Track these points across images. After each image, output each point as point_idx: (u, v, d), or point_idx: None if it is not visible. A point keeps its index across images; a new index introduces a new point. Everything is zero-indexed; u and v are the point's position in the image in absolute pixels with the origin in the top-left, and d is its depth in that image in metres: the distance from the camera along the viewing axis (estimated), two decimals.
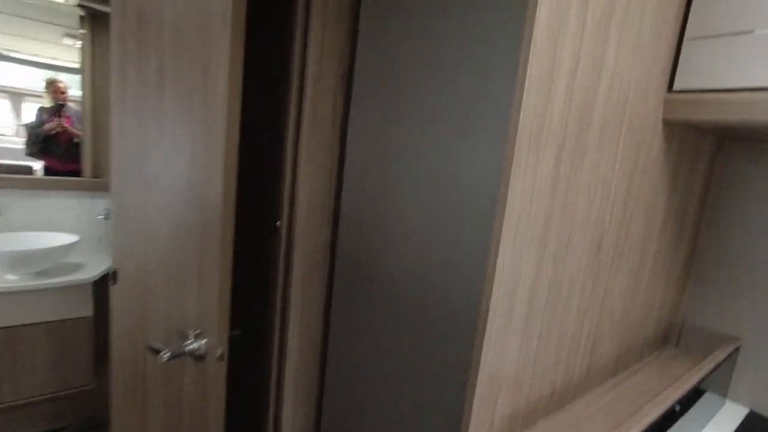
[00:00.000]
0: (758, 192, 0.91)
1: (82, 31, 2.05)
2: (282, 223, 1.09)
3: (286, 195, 1.08)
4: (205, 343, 0.99)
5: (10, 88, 2.00)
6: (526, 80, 0.54)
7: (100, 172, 2.16)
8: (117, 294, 1.28)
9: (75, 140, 2.12)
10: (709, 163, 0.98)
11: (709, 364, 0.84)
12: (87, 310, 1.83)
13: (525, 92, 0.54)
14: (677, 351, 1.05)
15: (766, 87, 0.67)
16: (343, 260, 1.02)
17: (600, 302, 0.81)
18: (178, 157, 0.98)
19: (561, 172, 0.63)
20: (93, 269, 1.87)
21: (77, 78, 2.09)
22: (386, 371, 0.88)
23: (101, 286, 1.84)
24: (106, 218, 2.10)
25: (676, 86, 0.75)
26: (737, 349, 0.95)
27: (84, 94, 2.10)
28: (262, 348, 1.20)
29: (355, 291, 0.99)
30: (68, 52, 2.06)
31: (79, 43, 2.05)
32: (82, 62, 2.07)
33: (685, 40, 0.74)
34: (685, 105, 0.74)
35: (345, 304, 1.02)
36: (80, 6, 2.01)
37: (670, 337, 1.08)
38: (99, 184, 2.13)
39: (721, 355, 0.89)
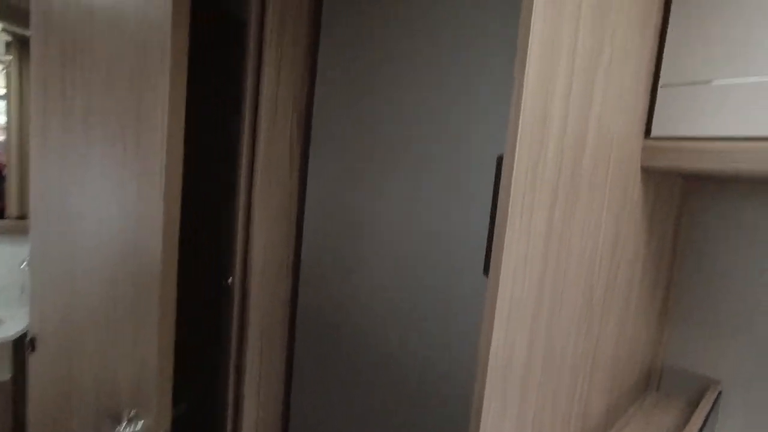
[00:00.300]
0: (724, 230, 0.90)
1: (8, 57, 1.87)
2: (234, 279, 0.97)
3: (238, 247, 0.96)
4: (143, 425, 0.84)
5: None
6: (518, 139, 0.47)
7: (27, 210, 1.92)
8: (36, 365, 1.09)
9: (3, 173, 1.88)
10: (679, 205, 0.97)
11: (698, 419, 0.80)
12: (3, 373, 1.58)
13: (517, 145, 0.48)
14: (659, 397, 1.01)
15: (738, 137, 0.65)
16: (307, 316, 0.91)
17: (591, 359, 0.75)
18: (110, 205, 0.84)
19: (554, 228, 0.57)
20: (12, 326, 1.63)
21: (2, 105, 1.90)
22: None
23: (23, 345, 1.60)
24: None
25: (654, 133, 0.73)
26: (719, 394, 0.93)
27: (10, 122, 1.89)
28: (212, 426, 1.05)
29: (322, 352, 0.88)
30: None
31: (4, 70, 1.87)
32: (8, 88, 1.88)
33: (659, 87, 0.72)
34: (662, 151, 0.71)
35: (310, 368, 0.91)
36: (6, 31, 1.84)
37: (651, 381, 1.04)
38: (24, 227, 1.89)
39: (706, 406, 0.85)
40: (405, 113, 0.71)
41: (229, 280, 0.99)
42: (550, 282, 0.59)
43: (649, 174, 0.79)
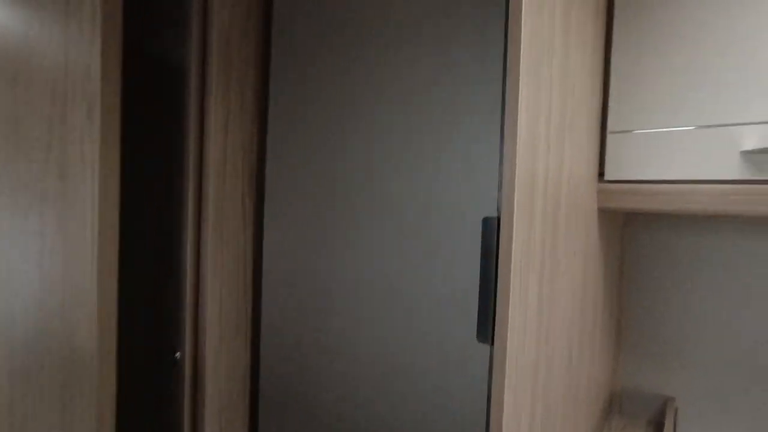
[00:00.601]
0: (662, 262, 0.98)
1: None
2: (184, 354, 0.86)
3: (187, 317, 0.85)
4: None
5: None
6: (515, 206, 0.46)
7: None
8: None
9: None
10: (621, 240, 1.04)
11: None
12: None
13: (515, 213, 0.47)
14: (622, 419, 1.05)
15: (680, 180, 0.71)
16: (272, 389, 0.82)
17: (573, 399, 0.76)
18: (25, 282, 0.71)
19: (543, 286, 0.57)
20: None
21: None
22: None
23: None
24: None
25: (607, 177, 0.77)
26: (676, 410, 0.98)
27: None
28: None
29: (291, 430, 0.80)
30: None
31: None
32: None
33: (608, 133, 0.77)
34: (615, 194, 0.76)
35: None
36: None
37: (614, 405, 1.09)
38: None
39: (670, 423, 0.90)
40: (376, 167, 0.68)
41: (177, 355, 0.87)
42: (544, 339, 0.58)
43: (602, 214, 0.83)
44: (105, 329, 0.74)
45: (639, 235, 1.02)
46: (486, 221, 0.56)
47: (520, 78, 0.46)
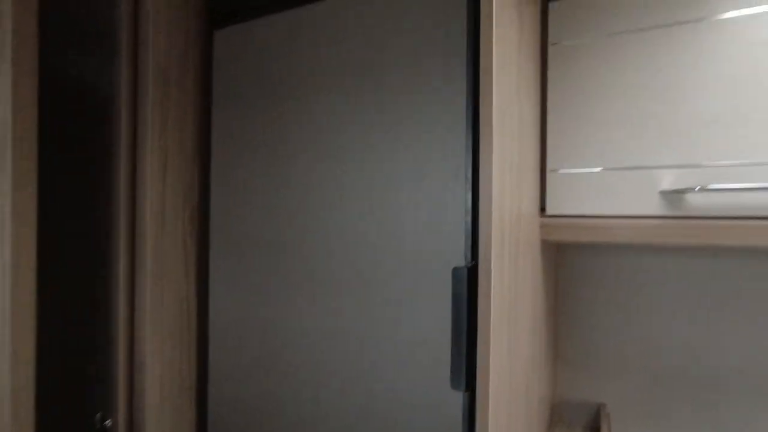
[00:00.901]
0: (591, 278, 1.08)
1: None
2: (116, 420, 0.76)
3: (120, 377, 0.76)
4: None
5: None
6: (492, 264, 0.48)
7: None
8: None
9: None
10: (555, 266, 1.13)
11: None
12: None
13: (493, 268, 0.48)
14: (563, 428, 1.13)
15: (611, 215, 0.79)
16: None
17: (535, 417, 0.80)
18: None
19: (511, 325, 0.59)
20: None
21: None
22: None
23: None
24: None
25: (548, 211, 0.84)
26: (609, 415, 1.08)
27: None
28: None
29: None
30: None
31: None
32: None
33: (547, 171, 0.84)
34: (555, 227, 0.82)
35: None
36: None
37: (554, 416, 1.17)
38: None
39: (606, 429, 0.98)
40: (335, 208, 0.67)
41: (108, 423, 0.77)
42: (510, 376, 0.61)
43: (543, 244, 0.90)
44: (20, 393, 0.64)
45: (571, 260, 1.12)
46: (456, 271, 0.57)
47: (493, 131, 0.48)
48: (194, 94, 0.80)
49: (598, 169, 0.80)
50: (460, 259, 0.58)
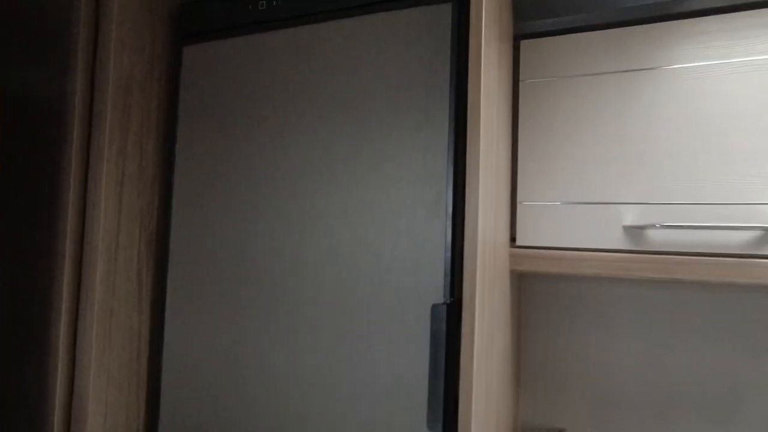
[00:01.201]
0: (552, 305, 1.11)
1: None
2: None
3: (56, 426, 0.67)
4: None
5: None
6: (476, 305, 0.47)
7: None
8: None
9: None
10: (519, 290, 1.15)
11: None
12: None
13: (476, 309, 0.47)
14: None
15: (579, 248, 0.82)
16: None
17: None
18: None
19: (488, 360, 0.58)
20: None
21: None
22: None
23: None
24: None
25: (518, 242, 0.85)
26: None
27: None
28: None
29: None
30: None
31: None
32: None
33: (518, 202, 0.85)
34: (525, 257, 0.84)
35: None
36: None
37: None
38: None
39: None
40: (303, 242, 0.64)
41: None
42: (485, 412, 0.60)
43: (512, 274, 0.91)
44: None
45: (531, 286, 1.14)
46: (435, 309, 0.56)
47: (480, 167, 0.48)
48: (158, 112, 0.75)
49: (566, 203, 0.83)
50: (436, 294, 0.57)
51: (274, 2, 0.69)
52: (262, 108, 0.68)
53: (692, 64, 0.79)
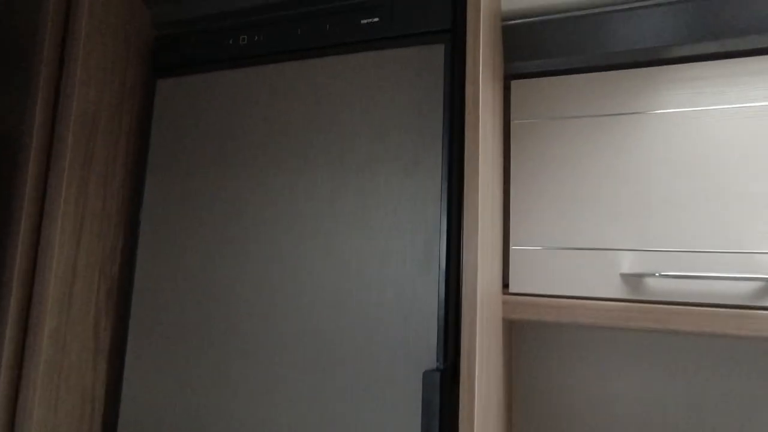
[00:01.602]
0: (542, 345, 1.06)
1: None
2: None
3: None
4: None
5: None
6: (476, 371, 0.42)
7: None
8: None
9: None
10: (510, 333, 1.10)
11: None
12: None
13: (476, 376, 0.42)
14: None
15: (573, 296, 0.78)
16: None
17: None
18: None
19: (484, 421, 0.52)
20: None
21: None
22: None
23: None
24: None
25: (511, 289, 0.80)
26: None
27: None
28: None
29: None
30: None
31: None
32: None
33: (510, 247, 0.81)
34: (519, 305, 0.79)
35: None
36: None
37: None
38: None
39: None
40: (284, 293, 0.58)
41: None
42: None
43: (504, 322, 0.86)
44: None
45: (523, 329, 1.09)
46: (428, 375, 0.50)
47: (479, 216, 0.43)
48: (127, 149, 0.69)
49: (560, 248, 0.79)
50: (428, 354, 0.52)
51: (256, 37, 0.65)
52: (239, 148, 0.63)
53: (684, 109, 0.78)
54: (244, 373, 0.58)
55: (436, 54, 0.57)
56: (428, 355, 0.52)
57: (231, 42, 0.66)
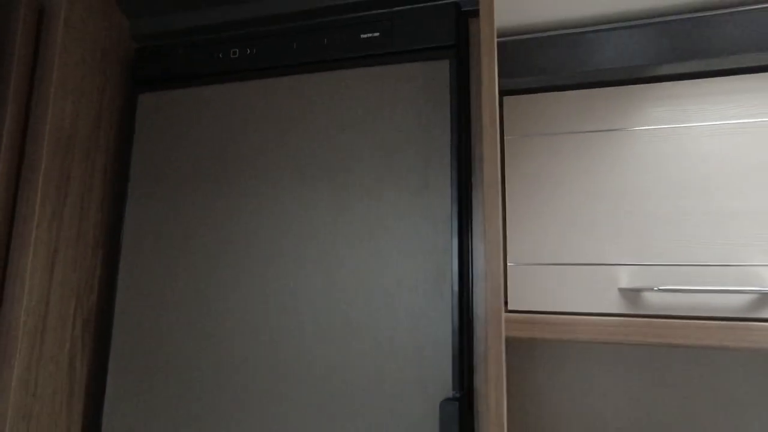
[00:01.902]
0: (534, 362, 1.05)
1: None
2: None
3: None
4: None
5: None
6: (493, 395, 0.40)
7: None
8: None
9: None
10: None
11: None
12: None
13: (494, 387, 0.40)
14: None
15: (573, 312, 0.77)
16: None
17: None
18: None
19: None
20: None
21: None
22: None
23: None
24: None
25: (510, 306, 0.79)
26: None
27: None
28: None
29: None
30: None
31: None
32: None
33: (508, 264, 0.80)
34: (520, 322, 0.78)
35: None
36: None
37: None
38: None
39: None
40: (283, 323, 0.54)
41: None
42: None
43: (507, 342, 0.84)
44: None
45: (516, 348, 1.08)
46: (445, 405, 0.47)
47: (500, 247, 0.41)
48: (106, 168, 0.64)
49: (557, 264, 0.79)
50: (443, 384, 0.49)
51: (249, 50, 0.62)
52: (231, 167, 0.59)
53: (668, 126, 0.80)
54: (241, 417, 0.54)
55: (440, 70, 0.55)
56: (444, 383, 0.50)
57: (221, 56, 0.63)
